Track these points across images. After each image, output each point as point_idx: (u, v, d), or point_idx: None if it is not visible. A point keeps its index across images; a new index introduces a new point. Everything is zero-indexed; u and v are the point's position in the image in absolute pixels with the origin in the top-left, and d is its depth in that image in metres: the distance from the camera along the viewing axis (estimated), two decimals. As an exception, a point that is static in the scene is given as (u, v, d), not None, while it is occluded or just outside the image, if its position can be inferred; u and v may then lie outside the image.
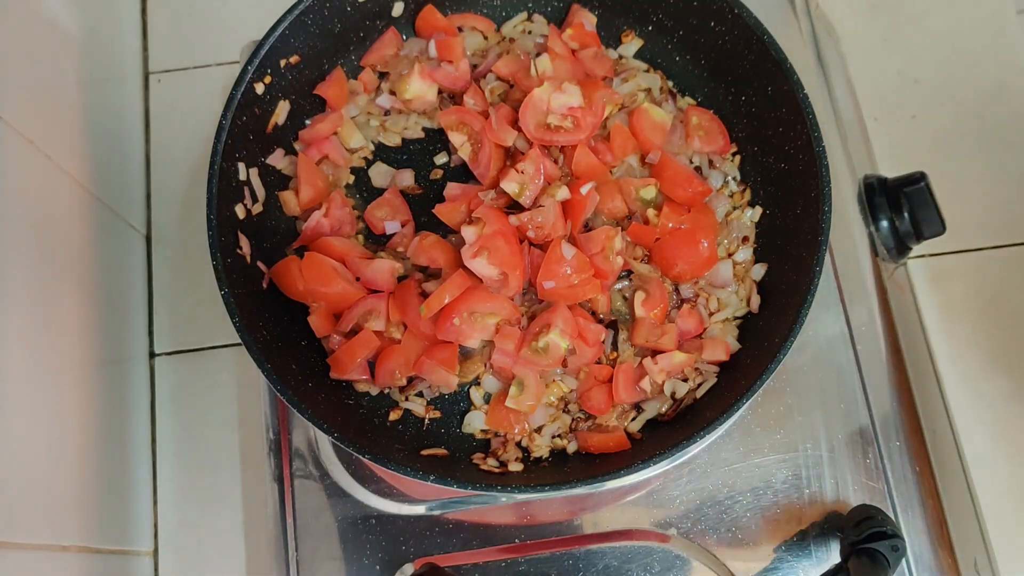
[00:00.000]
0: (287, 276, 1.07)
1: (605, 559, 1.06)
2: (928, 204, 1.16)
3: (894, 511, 1.07)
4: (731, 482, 1.08)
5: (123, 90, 1.42)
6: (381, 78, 1.20)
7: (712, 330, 1.09)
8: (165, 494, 1.30)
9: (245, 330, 0.96)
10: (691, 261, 1.08)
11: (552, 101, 1.10)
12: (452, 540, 1.07)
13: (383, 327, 1.06)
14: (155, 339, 1.37)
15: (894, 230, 1.18)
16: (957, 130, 1.47)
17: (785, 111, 1.04)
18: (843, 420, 1.10)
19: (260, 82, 1.07)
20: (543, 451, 1.06)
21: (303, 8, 1.07)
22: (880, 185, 1.20)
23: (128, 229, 1.35)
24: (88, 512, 1.12)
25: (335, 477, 1.10)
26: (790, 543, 1.06)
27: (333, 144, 1.16)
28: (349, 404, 1.08)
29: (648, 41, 1.20)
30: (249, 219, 1.07)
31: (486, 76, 1.18)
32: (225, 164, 1.02)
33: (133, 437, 1.28)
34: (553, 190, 1.07)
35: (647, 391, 1.05)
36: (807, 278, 0.97)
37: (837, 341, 1.13)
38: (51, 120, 1.16)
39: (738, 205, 1.14)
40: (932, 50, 1.51)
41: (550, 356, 1.04)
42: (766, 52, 1.04)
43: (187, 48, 1.49)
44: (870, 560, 0.95)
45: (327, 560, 1.07)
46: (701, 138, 1.14)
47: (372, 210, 1.14)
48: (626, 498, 1.09)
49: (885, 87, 1.49)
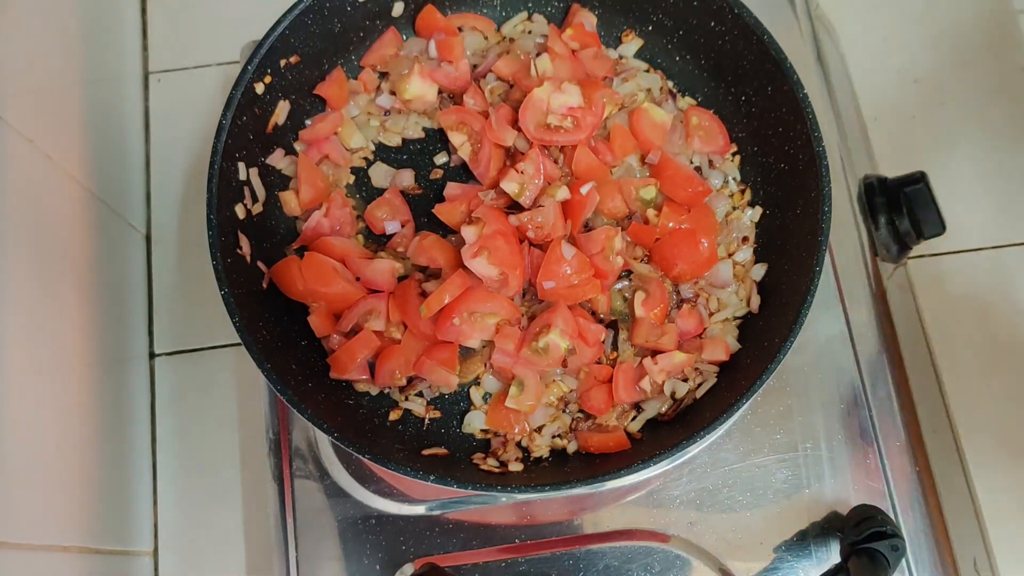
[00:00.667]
0: (287, 276, 1.07)
1: (605, 559, 1.06)
2: (928, 204, 1.16)
3: (894, 511, 1.07)
4: (731, 482, 1.08)
5: (123, 90, 1.42)
6: (381, 78, 1.20)
7: (712, 330, 1.09)
8: (165, 494, 1.30)
9: (245, 330, 0.96)
10: (691, 261, 1.08)
11: (552, 101, 1.10)
12: (452, 540, 1.07)
13: (383, 327, 1.06)
14: (155, 339, 1.37)
15: (894, 230, 1.18)
16: (957, 130, 1.47)
17: (785, 111, 1.04)
18: (843, 420, 1.10)
19: (260, 82, 1.07)
20: (543, 451, 1.06)
21: (303, 8, 1.06)
22: (880, 185, 1.20)
23: (128, 229, 1.35)
24: (88, 512, 1.12)
25: (335, 477, 1.10)
26: (790, 543, 1.06)
27: (333, 144, 1.16)
28: (349, 404, 1.08)
29: (648, 41, 1.20)
30: (249, 219, 1.07)
31: (486, 76, 1.18)
32: (225, 164, 1.02)
33: (133, 437, 1.28)
34: (553, 190, 1.07)
35: (647, 391, 1.05)
36: (807, 278, 0.97)
37: (837, 341, 1.13)
38: (51, 120, 1.16)
39: (738, 205, 1.14)
40: (932, 50, 1.51)
41: (550, 356, 1.04)
42: (766, 52, 1.04)
43: (187, 48, 1.49)
44: (870, 560, 0.95)
45: (327, 560, 1.07)
46: (701, 138, 1.14)
47: (372, 210, 1.14)
48: (626, 498, 1.09)
49: (885, 87, 1.49)
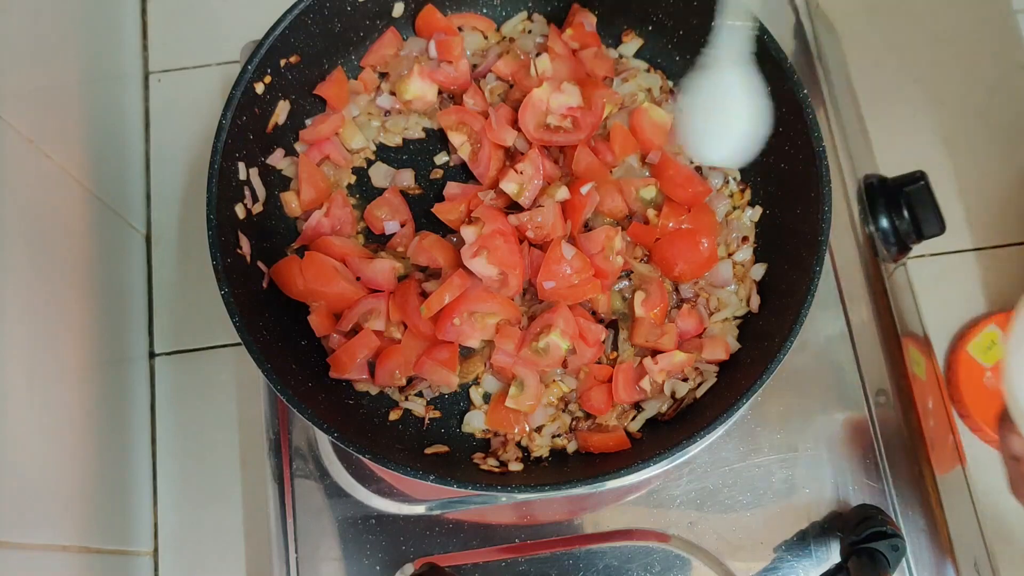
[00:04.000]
0: (287, 276, 1.07)
1: (605, 559, 1.06)
2: (928, 204, 1.16)
3: (894, 511, 1.07)
4: (731, 482, 1.08)
5: (123, 90, 1.42)
6: (381, 78, 1.20)
7: (712, 330, 1.09)
8: (165, 494, 1.30)
9: (245, 330, 0.96)
10: (691, 261, 1.08)
11: (551, 101, 1.10)
12: (452, 540, 1.07)
13: (383, 327, 1.06)
14: (155, 339, 1.36)
15: (894, 230, 1.18)
16: (957, 130, 1.47)
17: (785, 111, 1.04)
18: (843, 420, 1.10)
19: (260, 82, 1.07)
20: (543, 451, 1.06)
21: (303, 8, 1.07)
22: (880, 185, 1.20)
23: (128, 229, 1.35)
24: (88, 512, 1.12)
25: (335, 477, 1.10)
26: (790, 543, 1.06)
27: (334, 144, 1.16)
28: (349, 404, 1.08)
29: (648, 41, 1.20)
30: (249, 219, 1.07)
31: (486, 76, 1.18)
32: (225, 164, 1.02)
33: (133, 437, 1.28)
34: (552, 190, 1.07)
35: (647, 391, 1.05)
36: (807, 278, 0.97)
37: (837, 341, 1.13)
38: (51, 120, 1.16)
39: (738, 205, 1.14)
40: (932, 50, 1.51)
41: (550, 356, 1.04)
42: (766, 52, 1.04)
43: (187, 48, 1.49)
44: (870, 560, 0.95)
45: (327, 560, 1.07)
46: (701, 138, 1.14)
47: (372, 210, 1.14)
48: (626, 498, 1.09)
49: (885, 87, 1.49)
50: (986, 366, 1.32)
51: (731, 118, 1.01)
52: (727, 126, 1.02)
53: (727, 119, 1.02)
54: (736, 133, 1.01)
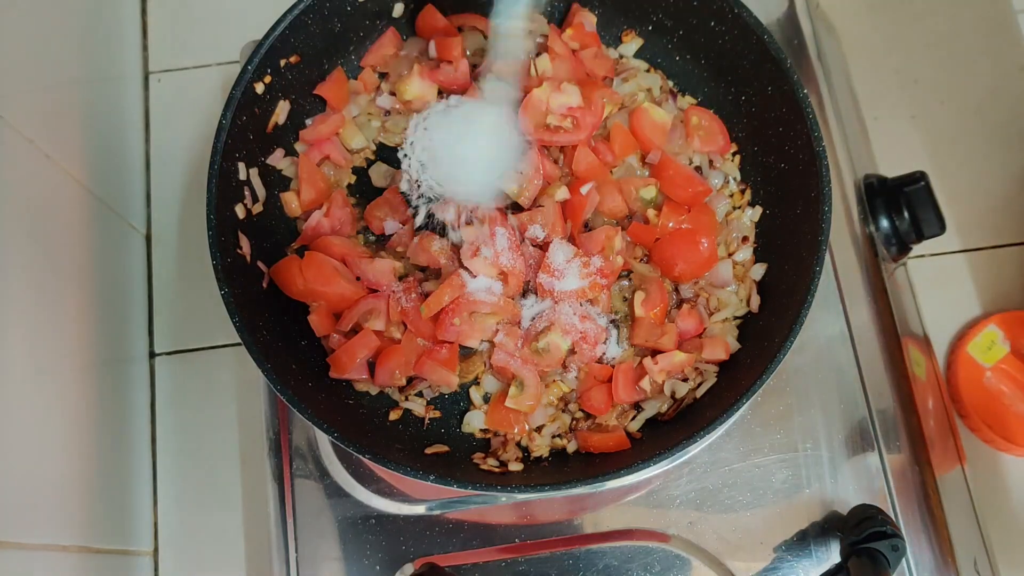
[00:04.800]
0: (287, 275, 1.07)
1: (605, 559, 1.06)
2: (928, 204, 1.16)
3: (894, 511, 1.07)
4: (731, 482, 1.08)
5: (123, 90, 1.42)
6: (381, 78, 1.20)
7: (712, 330, 1.09)
8: (165, 494, 1.30)
9: (245, 330, 0.96)
10: (691, 261, 1.08)
11: (551, 101, 1.10)
12: (452, 540, 1.07)
13: (383, 327, 1.06)
14: (155, 339, 1.36)
15: (894, 230, 1.18)
16: (957, 130, 1.47)
17: (785, 111, 1.04)
18: (843, 420, 1.10)
19: (260, 82, 1.06)
20: (543, 451, 1.06)
21: (303, 8, 1.06)
22: (880, 185, 1.20)
23: (128, 229, 1.35)
24: (88, 512, 1.12)
25: (335, 477, 1.10)
26: (790, 543, 1.06)
27: (334, 144, 1.16)
28: (349, 404, 1.08)
29: (648, 41, 1.20)
30: (249, 219, 1.07)
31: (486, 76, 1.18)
32: (225, 164, 1.02)
33: (133, 437, 1.28)
34: (552, 190, 1.07)
35: (647, 391, 1.05)
36: (807, 278, 0.97)
37: (837, 341, 1.13)
38: (51, 120, 1.16)
39: (738, 205, 1.14)
40: (932, 50, 1.51)
41: (550, 356, 1.04)
42: (766, 52, 1.04)
43: (187, 48, 1.49)
44: (870, 560, 0.95)
45: (327, 560, 1.07)
46: (701, 138, 1.14)
47: (372, 210, 1.14)
48: (626, 498, 1.09)
49: (885, 87, 1.49)
50: (986, 366, 1.32)
51: (471, 152, 1.04)
52: (467, 160, 1.05)
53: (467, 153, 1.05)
54: (475, 169, 1.04)
